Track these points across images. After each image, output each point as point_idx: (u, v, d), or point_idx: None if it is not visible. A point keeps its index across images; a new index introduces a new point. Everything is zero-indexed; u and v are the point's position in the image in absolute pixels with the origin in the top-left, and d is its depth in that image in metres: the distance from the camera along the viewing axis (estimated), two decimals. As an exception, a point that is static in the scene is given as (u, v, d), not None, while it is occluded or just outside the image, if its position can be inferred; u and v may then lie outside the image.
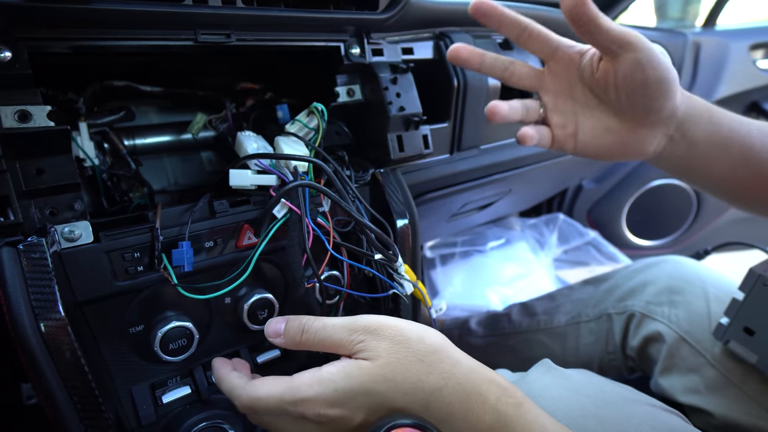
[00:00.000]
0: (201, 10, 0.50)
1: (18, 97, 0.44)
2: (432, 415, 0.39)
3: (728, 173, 0.56)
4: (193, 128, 0.67)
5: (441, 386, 0.39)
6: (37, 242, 0.41)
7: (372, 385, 0.39)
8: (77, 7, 0.43)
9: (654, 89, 0.49)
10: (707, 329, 0.72)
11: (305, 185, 0.52)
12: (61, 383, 0.41)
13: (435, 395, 0.39)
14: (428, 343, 0.41)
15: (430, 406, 0.39)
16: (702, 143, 0.54)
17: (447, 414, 0.39)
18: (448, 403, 0.39)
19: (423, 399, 0.39)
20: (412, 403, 0.39)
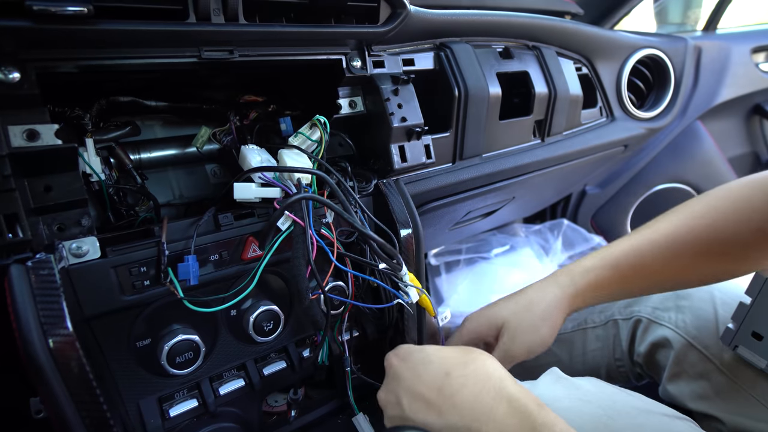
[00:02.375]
0: (204, 27, 0.51)
1: (26, 116, 0.45)
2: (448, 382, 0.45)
3: (646, 293, 0.74)
4: (198, 141, 0.68)
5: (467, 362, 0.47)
6: (45, 259, 0.42)
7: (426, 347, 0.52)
8: (83, 28, 0.44)
9: None
10: (715, 334, 0.71)
11: (308, 198, 0.53)
12: (69, 397, 0.42)
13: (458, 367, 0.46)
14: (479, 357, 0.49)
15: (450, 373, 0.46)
16: (603, 302, 0.72)
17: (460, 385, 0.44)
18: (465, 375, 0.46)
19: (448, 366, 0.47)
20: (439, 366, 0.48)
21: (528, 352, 0.67)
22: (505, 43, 0.90)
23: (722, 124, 1.64)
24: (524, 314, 0.68)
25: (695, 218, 0.65)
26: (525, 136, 0.94)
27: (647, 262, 0.66)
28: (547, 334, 0.67)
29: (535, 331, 0.67)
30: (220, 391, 0.60)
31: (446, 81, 0.77)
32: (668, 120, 1.27)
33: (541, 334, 0.67)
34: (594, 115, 1.11)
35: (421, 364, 0.49)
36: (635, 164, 1.57)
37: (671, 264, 0.65)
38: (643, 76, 1.27)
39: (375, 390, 0.75)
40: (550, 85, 0.92)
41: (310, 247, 0.52)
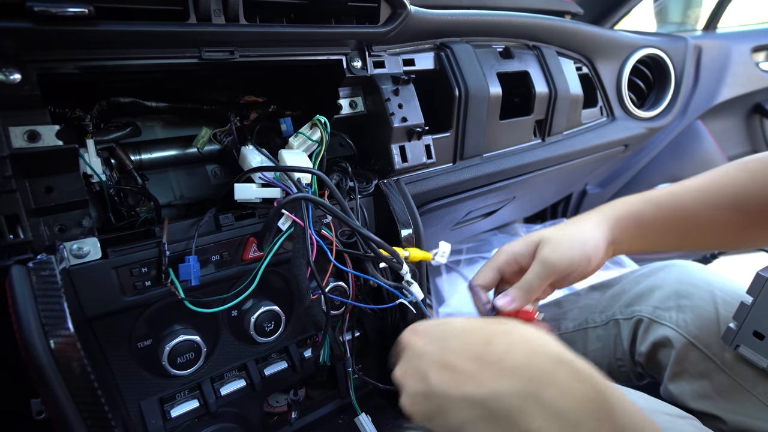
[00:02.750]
0: (205, 28, 0.51)
1: (27, 117, 0.45)
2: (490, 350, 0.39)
3: (685, 245, 0.68)
4: (199, 142, 0.68)
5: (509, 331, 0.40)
6: (46, 260, 0.42)
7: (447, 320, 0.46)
8: (84, 29, 0.44)
9: None
10: (716, 334, 0.71)
11: (305, 198, 0.52)
12: (70, 398, 0.41)
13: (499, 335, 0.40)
14: None
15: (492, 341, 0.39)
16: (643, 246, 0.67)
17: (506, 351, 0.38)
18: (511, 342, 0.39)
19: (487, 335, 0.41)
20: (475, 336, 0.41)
21: (570, 264, 0.60)
22: (505, 43, 0.90)
23: (723, 124, 1.64)
24: (564, 230, 0.63)
25: (737, 171, 0.63)
26: (525, 135, 0.94)
27: (687, 204, 0.62)
28: (592, 251, 0.61)
29: (578, 244, 0.61)
30: (222, 391, 0.60)
31: (447, 81, 0.77)
32: (669, 119, 1.27)
33: (585, 250, 0.61)
34: (594, 115, 1.11)
35: (449, 337, 0.43)
36: (636, 164, 1.57)
37: (711, 213, 0.62)
38: (643, 75, 1.27)
39: (377, 390, 0.75)
40: (551, 85, 0.92)
41: (309, 248, 0.52)
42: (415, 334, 0.47)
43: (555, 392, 0.34)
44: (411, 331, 0.48)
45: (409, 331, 0.48)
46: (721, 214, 0.62)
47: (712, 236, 0.66)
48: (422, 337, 0.46)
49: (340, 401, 0.73)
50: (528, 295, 0.61)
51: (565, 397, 0.34)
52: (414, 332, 0.47)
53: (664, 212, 0.64)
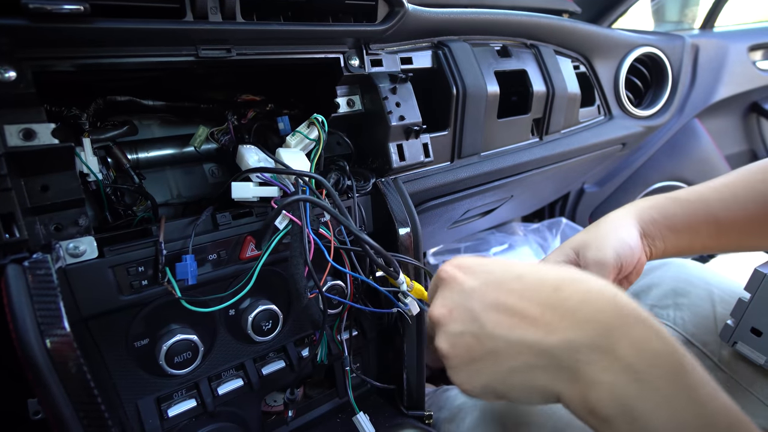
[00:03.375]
0: (201, 26, 0.51)
1: (22, 115, 0.44)
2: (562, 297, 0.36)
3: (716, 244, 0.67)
4: (196, 141, 0.68)
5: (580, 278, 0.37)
6: (42, 259, 0.42)
7: (503, 260, 0.42)
8: (80, 26, 0.43)
9: None
10: (713, 331, 0.71)
11: (305, 200, 0.52)
12: (66, 398, 0.41)
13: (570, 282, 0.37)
14: None
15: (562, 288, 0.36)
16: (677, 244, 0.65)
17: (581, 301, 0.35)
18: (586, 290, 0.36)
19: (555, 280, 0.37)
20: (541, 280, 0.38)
21: (618, 256, 0.60)
22: (503, 42, 0.90)
23: (720, 122, 1.65)
24: (597, 230, 0.63)
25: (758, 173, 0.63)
26: (523, 134, 0.94)
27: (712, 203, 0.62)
28: (632, 242, 0.61)
29: (617, 237, 0.61)
30: (219, 391, 0.60)
31: (444, 79, 0.77)
32: (666, 118, 1.28)
33: (626, 242, 0.60)
34: (592, 114, 1.11)
35: (508, 278, 0.39)
36: (633, 162, 1.58)
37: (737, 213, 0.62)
38: (640, 74, 1.27)
39: (375, 389, 0.75)
40: (548, 84, 0.92)
41: (306, 246, 0.52)
42: (460, 270, 0.42)
43: (629, 347, 0.32)
44: (456, 265, 0.43)
45: (453, 265, 0.43)
46: (748, 214, 0.61)
47: (740, 236, 0.65)
48: (471, 275, 0.41)
49: (338, 400, 0.73)
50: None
51: (639, 353, 0.32)
52: (459, 267, 0.42)
53: (690, 209, 0.63)
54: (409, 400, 0.72)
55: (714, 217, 0.63)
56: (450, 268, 0.42)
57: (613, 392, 0.32)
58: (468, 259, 0.43)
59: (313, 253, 0.53)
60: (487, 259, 0.42)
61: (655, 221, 0.64)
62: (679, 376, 0.32)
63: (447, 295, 0.41)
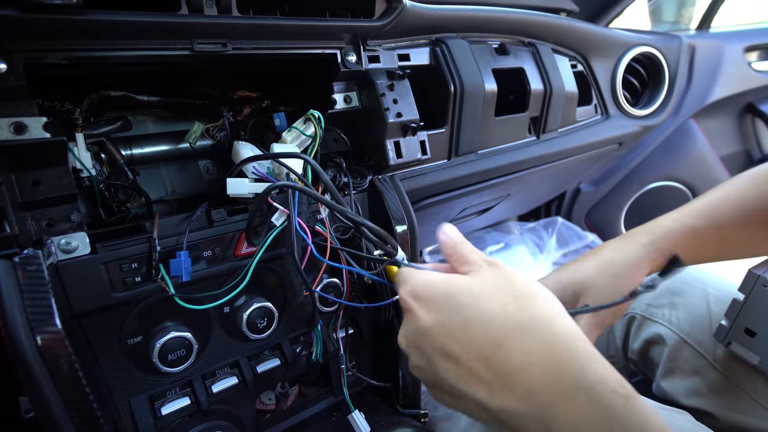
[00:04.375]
0: (197, 19, 0.50)
1: (13, 109, 0.44)
2: (502, 357, 0.34)
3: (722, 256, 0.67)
4: (191, 137, 0.67)
5: (527, 328, 0.35)
6: (33, 254, 0.41)
7: (457, 293, 0.38)
8: (72, 18, 0.43)
9: None
10: (708, 331, 0.71)
11: (291, 187, 0.51)
12: (58, 396, 0.41)
13: (515, 335, 0.34)
14: (533, 288, 0.38)
15: (504, 344, 0.34)
16: None
17: (520, 363, 0.33)
18: (528, 352, 0.34)
19: (500, 332, 0.35)
20: (485, 331, 0.35)
21: (614, 316, 0.61)
22: (500, 39, 0.89)
23: (715, 123, 1.65)
24: (606, 275, 0.61)
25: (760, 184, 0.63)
26: (520, 132, 0.93)
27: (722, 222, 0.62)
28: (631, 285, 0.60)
29: (620, 287, 0.59)
30: (213, 389, 0.59)
31: (442, 76, 0.77)
32: (662, 118, 1.28)
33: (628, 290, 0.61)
34: (589, 113, 1.11)
35: (456, 323, 0.37)
36: (629, 162, 1.58)
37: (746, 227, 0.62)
38: (637, 73, 1.27)
39: (371, 387, 0.75)
40: (546, 82, 0.92)
41: (296, 241, 0.51)
42: (417, 300, 0.40)
43: (565, 425, 0.32)
44: (412, 294, 0.41)
45: (410, 293, 0.41)
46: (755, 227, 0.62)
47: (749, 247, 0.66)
48: (424, 308, 0.39)
49: (333, 399, 0.73)
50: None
51: (580, 429, 0.32)
52: (416, 298, 0.40)
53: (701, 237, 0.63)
54: (404, 398, 0.72)
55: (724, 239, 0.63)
56: (407, 298, 0.41)
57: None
58: (422, 288, 0.40)
59: (309, 252, 0.52)
60: (440, 290, 0.40)
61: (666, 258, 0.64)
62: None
63: (406, 327, 0.41)
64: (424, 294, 0.40)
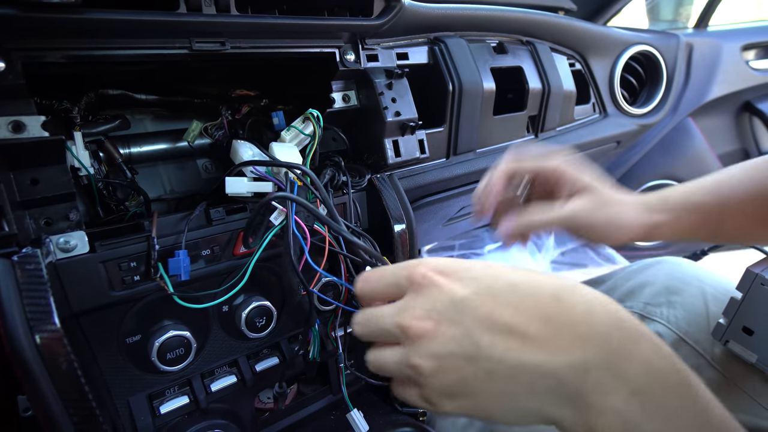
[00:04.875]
0: (195, 18, 0.50)
1: (11, 107, 0.44)
2: (563, 308, 0.32)
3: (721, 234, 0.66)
4: (189, 136, 0.67)
5: (577, 286, 0.33)
6: (31, 253, 0.41)
7: (491, 264, 0.36)
8: (70, 17, 0.42)
9: None
10: (706, 329, 0.72)
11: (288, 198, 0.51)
12: (56, 395, 0.41)
13: (569, 290, 0.33)
14: None
15: (562, 297, 0.32)
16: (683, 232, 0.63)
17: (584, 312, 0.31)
18: (588, 301, 0.32)
19: (553, 289, 0.33)
20: (537, 290, 0.33)
21: (588, 234, 0.58)
22: (499, 38, 0.89)
23: (713, 121, 1.66)
24: (615, 205, 0.59)
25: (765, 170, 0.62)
26: (519, 131, 0.94)
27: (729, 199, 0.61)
28: (612, 239, 0.58)
29: (613, 228, 0.58)
30: (212, 387, 0.59)
31: (440, 75, 0.77)
32: (660, 116, 1.28)
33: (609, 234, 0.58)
34: (587, 111, 1.12)
35: (502, 285, 0.34)
36: (627, 161, 1.58)
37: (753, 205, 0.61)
38: (635, 72, 1.27)
39: (370, 386, 0.75)
40: (544, 81, 0.92)
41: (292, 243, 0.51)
42: (443, 275, 0.35)
43: (638, 367, 0.30)
44: (435, 269, 0.36)
45: (431, 268, 0.36)
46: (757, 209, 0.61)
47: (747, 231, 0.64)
48: (458, 281, 0.35)
49: (332, 397, 0.73)
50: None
51: (648, 374, 0.30)
52: (441, 272, 0.35)
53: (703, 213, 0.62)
54: (403, 397, 0.72)
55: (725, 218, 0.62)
56: (428, 272, 0.36)
57: (621, 417, 0.29)
58: (448, 262, 0.37)
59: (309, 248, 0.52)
60: (470, 263, 0.36)
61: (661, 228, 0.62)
62: (685, 394, 0.30)
63: (428, 305, 0.35)
64: (454, 267, 0.36)
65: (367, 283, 0.40)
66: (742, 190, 0.62)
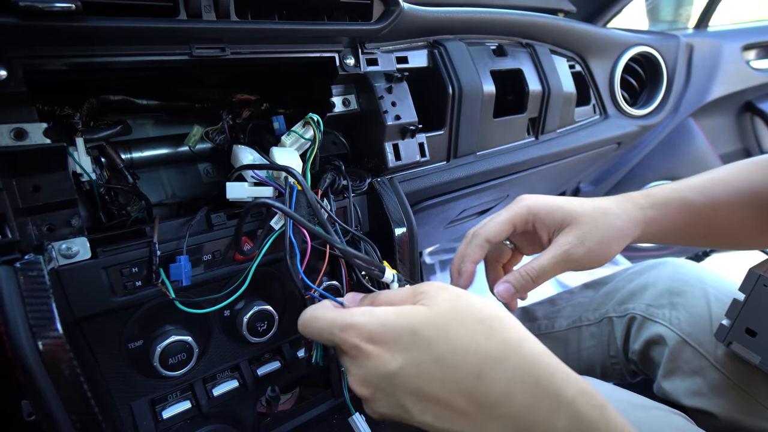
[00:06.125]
0: (195, 24, 0.50)
1: (14, 115, 0.44)
2: (484, 389, 0.33)
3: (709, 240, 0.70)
4: (190, 140, 0.67)
5: (502, 356, 0.34)
6: (34, 260, 0.41)
7: (420, 328, 0.36)
8: (71, 25, 0.43)
9: None
10: (709, 331, 0.71)
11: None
12: (59, 401, 0.41)
13: (492, 364, 0.34)
14: (492, 309, 0.37)
15: (484, 375, 0.34)
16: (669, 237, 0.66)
17: (503, 393, 0.33)
18: (508, 380, 0.33)
19: (476, 364, 0.34)
20: (461, 365, 0.34)
21: (590, 263, 0.58)
22: (498, 41, 0.90)
23: (714, 122, 1.65)
24: (601, 220, 0.59)
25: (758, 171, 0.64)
26: (519, 133, 0.94)
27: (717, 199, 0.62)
28: (613, 253, 0.59)
29: (607, 244, 0.58)
30: (214, 392, 0.59)
31: (440, 79, 0.77)
32: (661, 117, 1.28)
33: (609, 252, 0.58)
34: (587, 113, 1.11)
35: (428, 359, 0.35)
36: (628, 161, 1.58)
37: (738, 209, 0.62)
38: (635, 73, 1.27)
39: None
40: (544, 83, 0.92)
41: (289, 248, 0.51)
42: (376, 344, 0.37)
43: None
44: (369, 338, 0.37)
45: (365, 337, 0.37)
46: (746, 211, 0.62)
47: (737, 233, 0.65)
48: (388, 350, 0.36)
49: (333, 401, 0.73)
50: (535, 284, 0.57)
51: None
52: (374, 341, 0.37)
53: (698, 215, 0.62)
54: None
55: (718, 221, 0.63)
56: (359, 343, 0.37)
57: None
58: (378, 328, 0.37)
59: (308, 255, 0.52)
60: (401, 328, 0.37)
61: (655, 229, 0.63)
62: None
63: (363, 374, 0.38)
64: (383, 335, 0.36)
65: (306, 329, 0.43)
66: (732, 191, 0.62)
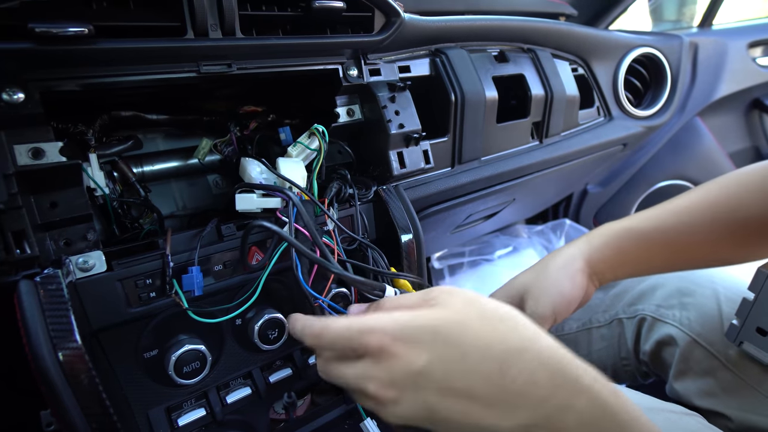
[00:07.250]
0: (202, 43, 0.52)
1: (31, 135, 0.46)
2: (507, 382, 0.35)
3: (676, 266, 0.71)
4: (200, 153, 0.69)
5: (523, 348, 0.36)
6: (53, 274, 0.43)
7: (441, 327, 0.37)
8: (84, 47, 0.45)
9: None
10: (720, 331, 0.71)
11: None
12: (79, 410, 0.42)
13: (516, 356, 0.35)
14: (506, 308, 0.39)
15: (508, 367, 0.35)
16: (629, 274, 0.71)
17: (528, 382, 0.34)
18: (531, 371, 0.35)
19: (500, 357, 0.35)
20: (486, 358, 0.35)
21: (554, 311, 0.63)
22: (500, 47, 0.90)
23: (722, 120, 1.64)
24: (543, 275, 0.66)
25: (713, 195, 0.65)
26: (523, 138, 0.94)
27: (669, 228, 0.65)
28: (569, 290, 0.64)
29: (557, 287, 0.64)
30: (227, 399, 0.60)
31: (442, 86, 0.78)
32: (666, 117, 1.28)
33: (563, 291, 0.63)
34: (592, 115, 1.12)
35: (452, 355, 0.36)
36: (636, 162, 1.58)
37: (694, 237, 0.64)
38: (639, 74, 1.27)
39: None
40: (547, 87, 0.93)
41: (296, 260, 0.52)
42: (400, 343, 0.37)
43: (573, 420, 0.34)
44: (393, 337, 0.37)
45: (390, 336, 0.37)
46: (712, 236, 0.64)
47: (705, 255, 0.67)
48: (412, 349, 0.37)
49: (345, 407, 0.74)
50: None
51: (582, 426, 0.34)
52: (397, 340, 0.37)
53: (645, 240, 0.65)
54: (415, 405, 0.72)
55: (671, 245, 0.65)
56: (386, 342, 0.37)
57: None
58: (399, 329, 0.37)
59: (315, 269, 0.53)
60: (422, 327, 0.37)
61: (606, 259, 0.66)
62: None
63: (388, 375, 0.37)
64: (407, 335, 0.37)
65: (318, 340, 0.42)
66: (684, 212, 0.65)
